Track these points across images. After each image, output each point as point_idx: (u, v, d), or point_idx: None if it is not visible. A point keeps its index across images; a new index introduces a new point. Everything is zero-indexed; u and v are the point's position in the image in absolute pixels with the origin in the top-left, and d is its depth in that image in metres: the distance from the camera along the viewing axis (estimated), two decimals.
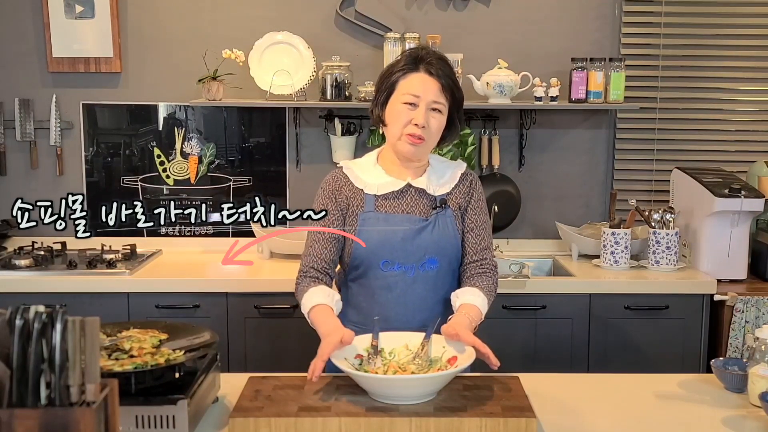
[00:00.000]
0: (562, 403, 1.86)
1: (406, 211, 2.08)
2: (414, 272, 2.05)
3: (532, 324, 3.05)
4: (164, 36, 3.49)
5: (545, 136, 3.59)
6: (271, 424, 1.59)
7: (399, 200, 2.08)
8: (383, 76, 2.09)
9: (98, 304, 2.97)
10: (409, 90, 2.01)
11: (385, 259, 2.05)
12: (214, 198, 3.56)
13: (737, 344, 2.99)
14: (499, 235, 3.49)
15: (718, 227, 3.12)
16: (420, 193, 2.09)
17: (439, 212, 2.08)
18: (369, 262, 2.06)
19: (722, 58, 3.57)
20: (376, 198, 2.08)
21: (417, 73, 2.03)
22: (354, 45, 3.48)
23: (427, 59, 2.04)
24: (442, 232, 2.07)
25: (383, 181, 2.09)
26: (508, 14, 3.51)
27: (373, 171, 2.12)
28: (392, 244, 2.04)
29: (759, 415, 1.78)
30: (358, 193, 2.09)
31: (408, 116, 2.01)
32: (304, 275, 2.07)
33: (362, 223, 2.06)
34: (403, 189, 2.09)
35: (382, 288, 2.06)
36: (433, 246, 2.06)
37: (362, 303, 2.10)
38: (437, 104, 2.02)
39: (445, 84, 2.02)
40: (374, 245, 2.04)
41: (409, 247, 2.05)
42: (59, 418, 1.20)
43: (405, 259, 2.05)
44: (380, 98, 2.08)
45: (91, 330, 1.24)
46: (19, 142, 3.53)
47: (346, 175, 2.12)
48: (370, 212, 2.06)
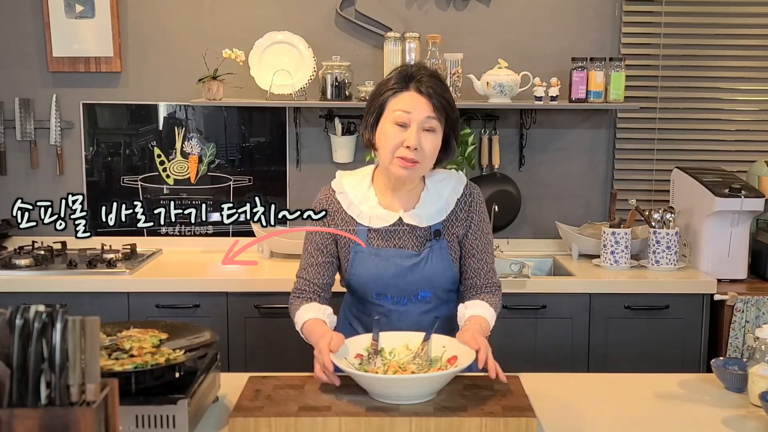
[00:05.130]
0: (562, 403, 1.86)
1: (398, 246, 2.02)
2: (407, 302, 2.04)
3: (532, 324, 3.05)
4: (164, 36, 3.49)
5: (545, 135, 3.59)
6: (271, 424, 1.59)
7: (391, 234, 2.02)
8: (373, 96, 1.98)
9: (98, 303, 2.97)
10: (399, 107, 1.90)
11: (377, 292, 2.04)
12: (214, 198, 3.56)
13: (737, 344, 2.98)
14: (499, 235, 3.49)
15: (719, 227, 3.12)
16: (413, 226, 2.02)
17: (432, 245, 2.02)
18: (362, 291, 2.05)
19: (722, 58, 3.56)
20: (369, 231, 2.02)
21: (407, 92, 1.91)
22: (354, 45, 3.48)
23: (417, 77, 1.92)
24: (435, 265, 2.02)
25: (376, 213, 2.02)
26: (508, 14, 3.51)
27: (366, 195, 2.04)
28: (384, 279, 2.01)
29: (759, 415, 1.77)
30: (351, 221, 2.03)
31: (399, 138, 1.89)
32: (296, 296, 2.06)
33: (354, 257, 2.03)
34: (395, 223, 2.02)
35: (377, 312, 2.04)
36: (426, 281, 2.02)
37: (362, 317, 2.12)
38: (430, 123, 1.90)
39: (437, 103, 1.90)
40: (366, 280, 2.02)
41: (401, 283, 2.02)
42: (59, 417, 1.20)
43: (397, 292, 2.03)
44: (369, 120, 1.97)
45: (91, 330, 1.24)
46: (19, 141, 3.53)
47: (339, 201, 2.05)
48: (361, 247, 2.02)
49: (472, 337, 1.80)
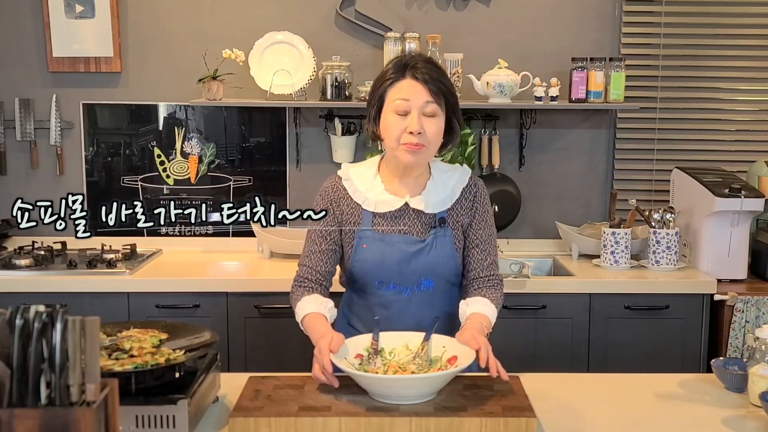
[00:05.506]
0: (562, 403, 1.86)
1: (403, 231, 2.04)
2: (409, 292, 2.04)
3: (532, 324, 3.05)
4: (164, 36, 3.49)
5: (545, 135, 3.59)
6: (271, 424, 1.59)
7: (396, 219, 2.04)
8: (372, 89, 2.03)
9: (98, 303, 2.97)
10: (398, 96, 1.94)
11: (380, 280, 2.04)
12: (214, 198, 3.56)
13: (737, 344, 2.99)
14: (499, 235, 3.46)
15: (718, 227, 3.12)
16: (418, 212, 2.05)
17: (437, 232, 2.04)
18: (365, 280, 2.06)
19: (722, 58, 3.56)
20: (374, 216, 2.05)
21: (404, 80, 1.95)
22: (354, 45, 3.48)
23: (412, 64, 1.96)
24: (439, 253, 2.03)
25: (382, 199, 2.05)
26: (508, 14, 3.51)
27: (372, 183, 2.07)
28: (388, 266, 2.02)
29: (759, 415, 1.78)
30: (356, 208, 2.06)
31: (402, 125, 1.93)
32: (298, 285, 2.07)
33: (359, 242, 2.04)
34: (401, 208, 2.04)
35: (378, 305, 2.05)
36: (429, 268, 2.03)
37: (362, 312, 2.12)
38: (430, 108, 1.94)
39: (434, 88, 1.94)
40: (370, 266, 2.03)
41: (405, 270, 2.02)
42: (59, 417, 1.20)
43: (400, 280, 2.03)
44: (372, 112, 2.02)
45: (91, 330, 1.24)
46: (19, 142, 3.53)
47: (345, 187, 2.08)
48: (367, 230, 2.03)
49: (472, 337, 1.80)
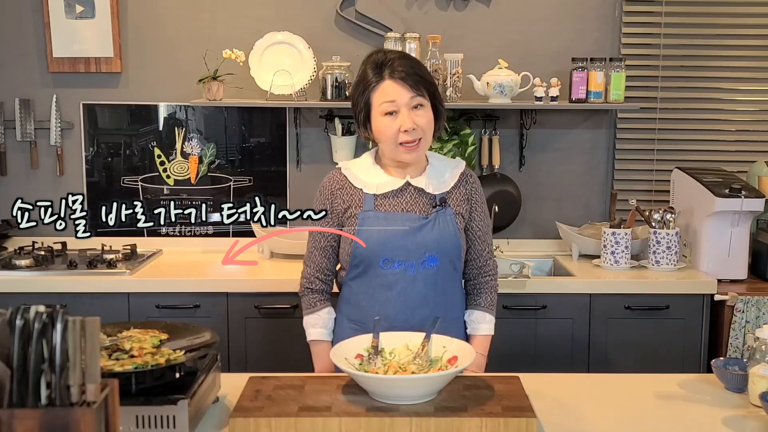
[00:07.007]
0: (562, 403, 1.86)
1: (405, 210, 2.08)
2: (414, 270, 2.06)
3: (532, 324, 3.05)
4: (164, 36, 3.49)
5: (545, 136, 3.59)
6: (271, 424, 1.59)
7: (398, 198, 2.09)
8: (355, 95, 2.08)
9: (98, 304, 2.97)
10: (383, 99, 2.01)
11: (386, 257, 2.05)
12: (215, 198, 3.56)
13: (737, 344, 2.98)
14: (499, 235, 3.49)
15: (719, 227, 3.12)
16: (419, 191, 2.10)
17: (439, 210, 2.08)
18: (369, 260, 2.07)
19: (722, 58, 3.56)
20: (376, 197, 2.08)
21: (384, 82, 2.02)
22: (354, 45, 3.48)
23: (388, 63, 2.03)
24: (442, 229, 2.07)
25: (382, 180, 2.10)
26: (509, 14, 3.51)
27: (371, 170, 2.12)
28: (392, 242, 2.05)
29: (759, 415, 1.77)
30: (357, 192, 2.09)
31: (394, 126, 2.01)
32: (307, 288, 2.15)
33: (362, 223, 2.06)
34: (402, 187, 2.09)
35: (382, 286, 2.06)
36: (434, 244, 2.06)
37: (362, 302, 2.11)
38: (416, 101, 2.01)
39: (413, 83, 2.01)
40: (374, 244, 2.05)
41: (410, 245, 2.05)
42: (59, 418, 1.20)
43: (405, 257, 2.05)
44: (360, 118, 2.08)
45: (92, 330, 1.24)
46: (19, 142, 3.53)
47: (345, 176, 2.12)
48: (369, 211, 2.07)
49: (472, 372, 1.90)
